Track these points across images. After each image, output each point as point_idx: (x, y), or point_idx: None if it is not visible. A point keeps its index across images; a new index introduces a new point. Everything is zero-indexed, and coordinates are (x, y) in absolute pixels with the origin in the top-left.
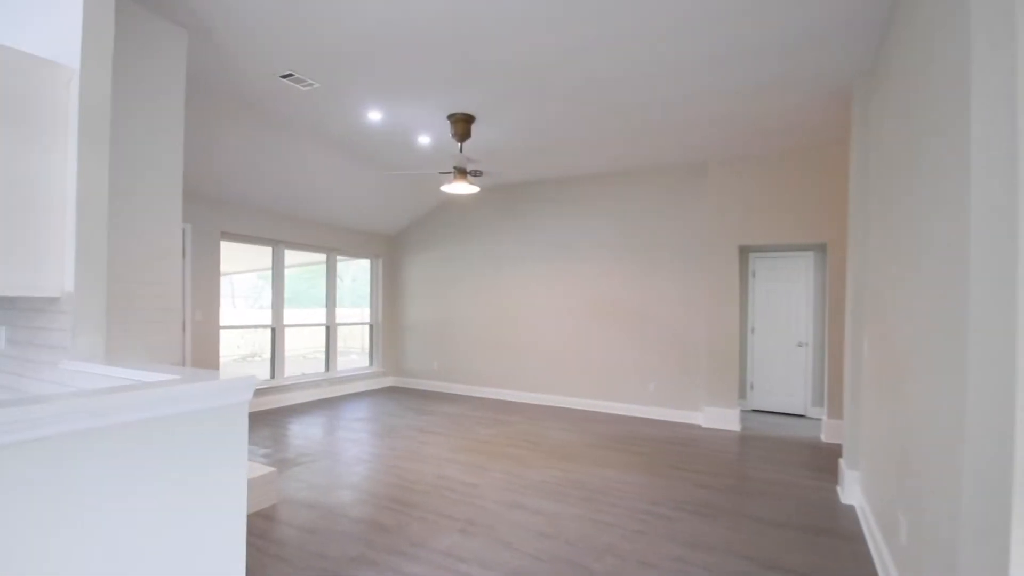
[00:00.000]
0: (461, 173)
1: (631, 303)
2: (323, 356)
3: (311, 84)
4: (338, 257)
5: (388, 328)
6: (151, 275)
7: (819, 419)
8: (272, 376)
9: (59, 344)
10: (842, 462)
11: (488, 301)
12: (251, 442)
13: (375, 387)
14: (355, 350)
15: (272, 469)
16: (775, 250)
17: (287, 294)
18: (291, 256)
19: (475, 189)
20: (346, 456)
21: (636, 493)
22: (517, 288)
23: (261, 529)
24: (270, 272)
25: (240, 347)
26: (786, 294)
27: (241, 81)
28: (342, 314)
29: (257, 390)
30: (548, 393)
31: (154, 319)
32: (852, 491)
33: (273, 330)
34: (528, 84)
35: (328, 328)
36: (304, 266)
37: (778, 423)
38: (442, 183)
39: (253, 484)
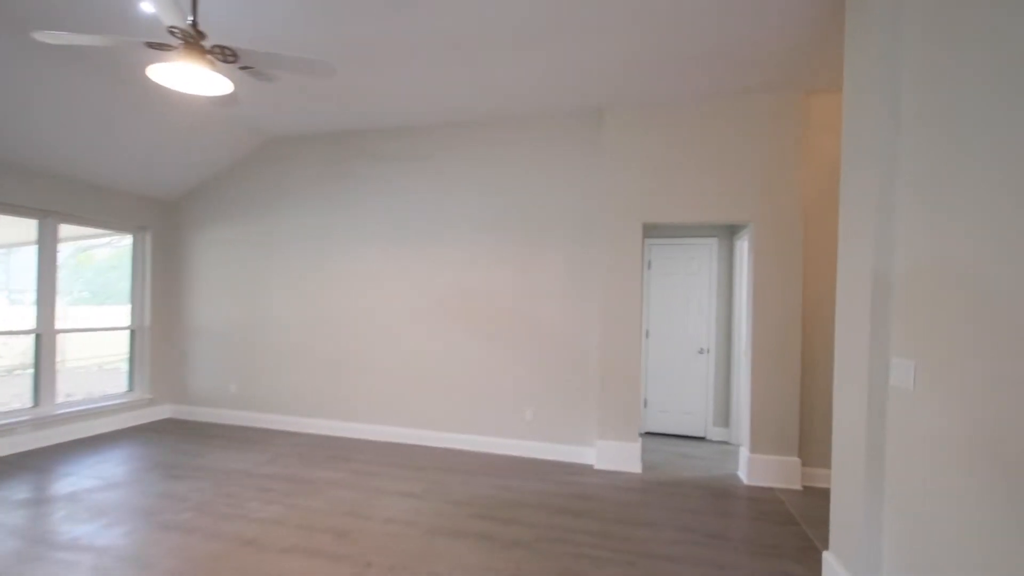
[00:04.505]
0: (194, 47)
1: (504, 300)
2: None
3: None
4: (63, 226)
5: (162, 336)
6: None
7: (724, 443)
8: None
9: None
10: (830, 557)
11: (310, 298)
12: None
13: (139, 422)
14: None
15: None
16: (674, 235)
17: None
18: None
19: (227, 87)
20: None
21: None
22: (351, 280)
23: None
24: (33, 248)
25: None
26: (685, 289)
27: None
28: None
29: None
30: (391, 425)
31: None
32: None
33: None
34: None
35: (39, 337)
36: (98, 240)
37: (682, 454)
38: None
39: None
